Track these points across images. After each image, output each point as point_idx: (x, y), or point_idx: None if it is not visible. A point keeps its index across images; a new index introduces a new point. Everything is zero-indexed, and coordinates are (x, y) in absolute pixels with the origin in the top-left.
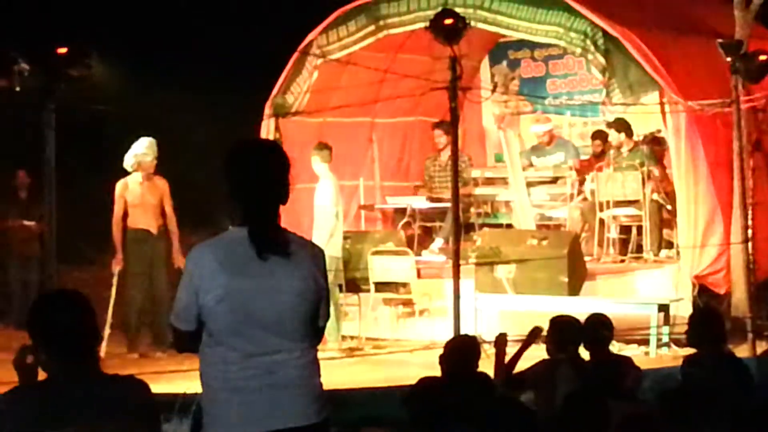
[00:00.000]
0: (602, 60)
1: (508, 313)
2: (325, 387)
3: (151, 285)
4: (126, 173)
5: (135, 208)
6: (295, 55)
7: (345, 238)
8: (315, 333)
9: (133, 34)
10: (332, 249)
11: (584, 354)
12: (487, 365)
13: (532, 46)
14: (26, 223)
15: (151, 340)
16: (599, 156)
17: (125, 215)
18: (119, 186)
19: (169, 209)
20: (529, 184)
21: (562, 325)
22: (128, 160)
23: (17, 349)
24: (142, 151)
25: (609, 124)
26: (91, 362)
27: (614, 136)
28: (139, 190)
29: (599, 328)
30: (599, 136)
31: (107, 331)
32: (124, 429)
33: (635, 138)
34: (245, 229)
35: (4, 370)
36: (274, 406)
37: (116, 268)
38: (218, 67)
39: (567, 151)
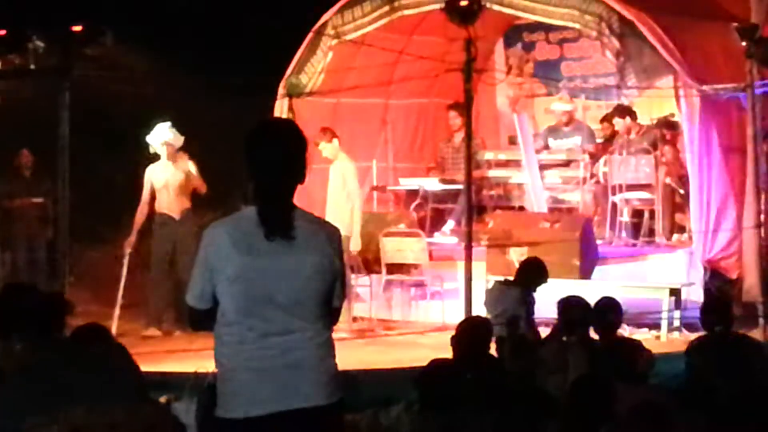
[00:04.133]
0: (617, 44)
1: None
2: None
3: (173, 269)
4: (144, 156)
5: (159, 192)
6: (310, 36)
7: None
8: (330, 313)
9: (147, 14)
10: (346, 230)
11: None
12: None
13: (547, 28)
14: (34, 200)
15: (174, 320)
16: (610, 139)
17: (153, 199)
18: (147, 171)
19: (198, 184)
20: (542, 167)
21: (570, 307)
22: (151, 145)
23: None
24: (158, 136)
25: (611, 113)
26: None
27: (620, 123)
28: (162, 174)
29: (608, 312)
30: (607, 119)
31: (117, 310)
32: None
33: (648, 122)
34: None
35: None
36: (290, 386)
37: (127, 249)
38: (232, 47)
39: (583, 135)
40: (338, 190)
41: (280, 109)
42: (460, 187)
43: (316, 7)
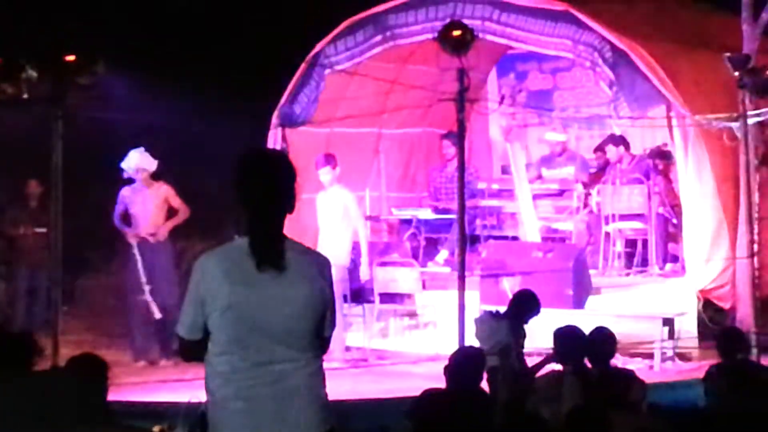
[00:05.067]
0: (610, 73)
1: None
2: (330, 397)
3: (153, 294)
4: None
5: (134, 216)
6: (303, 66)
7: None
8: (321, 343)
9: (140, 43)
10: (338, 259)
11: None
12: None
13: (540, 58)
14: (38, 230)
15: (159, 349)
16: (602, 169)
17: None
18: (121, 192)
19: (177, 205)
20: (535, 197)
21: (565, 337)
22: (126, 170)
23: None
24: (131, 162)
25: (605, 141)
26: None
27: (612, 152)
28: (136, 197)
29: (602, 342)
30: (600, 148)
31: (148, 296)
32: None
33: (640, 152)
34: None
35: None
36: (281, 416)
37: (134, 240)
38: (226, 77)
39: (576, 165)
40: (336, 218)
41: (274, 138)
42: (454, 216)
43: (310, 37)
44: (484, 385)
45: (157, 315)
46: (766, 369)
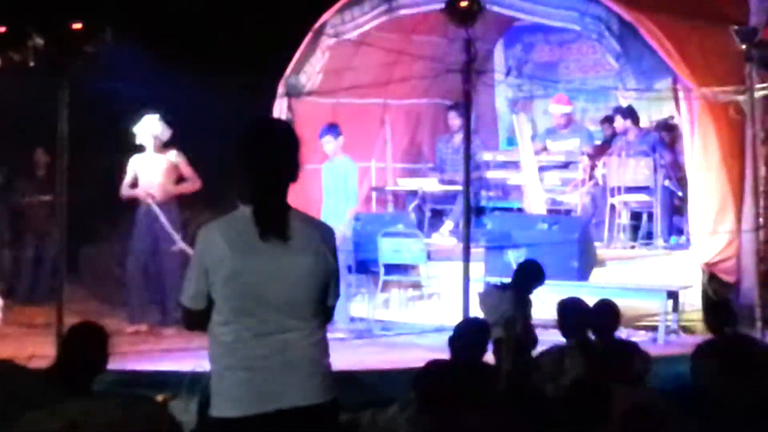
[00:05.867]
0: (617, 45)
1: None
2: (334, 368)
3: (153, 261)
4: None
5: (143, 182)
6: (309, 35)
7: (356, 219)
8: (324, 312)
9: (147, 11)
10: (345, 229)
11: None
12: None
13: (547, 30)
14: (44, 198)
15: (160, 316)
16: (609, 141)
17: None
18: (131, 160)
19: (188, 174)
20: (541, 169)
21: (568, 308)
22: (137, 136)
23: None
24: (145, 128)
25: (615, 110)
26: None
27: (620, 122)
28: (144, 165)
29: (606, 314)
30: (608, 120)
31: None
32: None
33: (647, 124)
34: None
35: (12, 343)
36: (285, 385)
37: (149, 198)
38: (233, 46)
39: (582, 137)
40: (340, 188)
41: (279, 108)
42: (459, 188)
43: (316, 8)
44: (490, 356)
45: None
46: (760, 343)
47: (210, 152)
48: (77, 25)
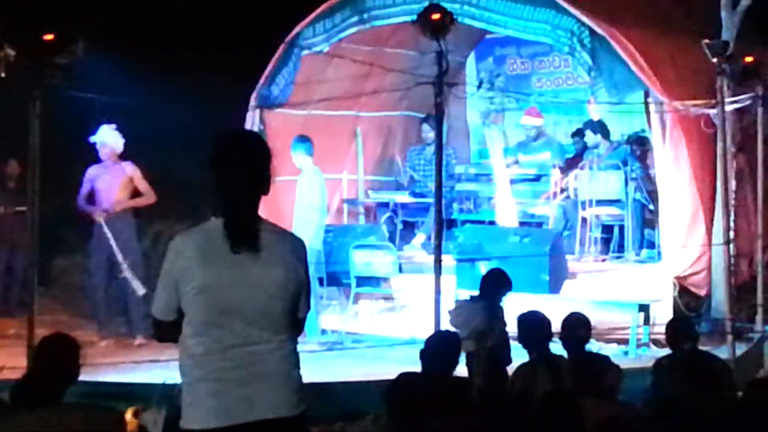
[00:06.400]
0: (588, 59)
1: None
2: (305, 380)
3: (113, 272)
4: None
5: (98, 192)
6: (281, 47)
7: (327, 231)
8: (295, 324)
9: (119, 23)
10: (314, 242)
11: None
12: None
13: (519, 43)
14: (15, 209)
15: (126, 327)
16: (580, 154)
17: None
18: (88, 171)
19: (143, 188)
20: (513, 181)
21: (527, 322)
22: (96, 143)
23: None
24: (101, 138)
25: (585, 125)
26: None
27: (590, 137)
28: (102, 175)
29: (577, 327)
30: (579, 133)
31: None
32: None
33: (618, 138)
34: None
35: None
36: (254, 397)
37: (100, 217)
38: (204, 58)
39: (553, 150)
40: (310, 201)
41: (251, 120)
42: (431, 200)
43: (289, 19)
44: (463, 369)
45: (141, 291)
46: (717, 359)
47: (182, 164)
48: (49, 37)
